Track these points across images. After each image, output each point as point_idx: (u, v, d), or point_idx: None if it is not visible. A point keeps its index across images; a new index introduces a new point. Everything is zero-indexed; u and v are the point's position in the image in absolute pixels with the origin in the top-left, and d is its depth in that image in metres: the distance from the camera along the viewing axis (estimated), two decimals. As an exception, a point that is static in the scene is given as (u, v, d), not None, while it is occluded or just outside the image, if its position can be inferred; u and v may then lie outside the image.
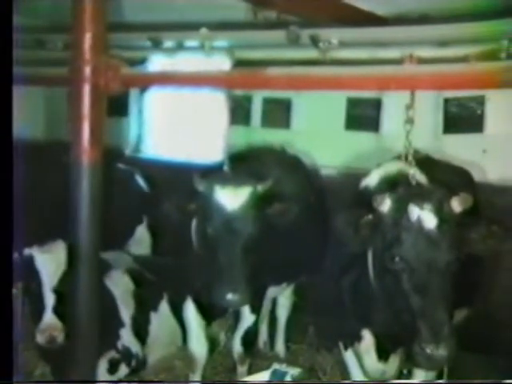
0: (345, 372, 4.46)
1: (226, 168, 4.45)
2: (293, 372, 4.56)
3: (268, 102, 6.67)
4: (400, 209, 3.40)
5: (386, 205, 3.44)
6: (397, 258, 3.34)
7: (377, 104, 5.71)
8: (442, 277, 3.30)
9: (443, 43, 3.75)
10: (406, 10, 4.78)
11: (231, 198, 4.15)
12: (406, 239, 3.34)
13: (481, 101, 5.32)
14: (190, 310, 4.80)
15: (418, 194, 3.45)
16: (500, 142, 5.29)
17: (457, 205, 3.40)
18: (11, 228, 3.01)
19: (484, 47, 3.41)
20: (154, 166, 6.85)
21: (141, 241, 6.19)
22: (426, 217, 3.34)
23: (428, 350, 3.15)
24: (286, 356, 5.72)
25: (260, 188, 4.25)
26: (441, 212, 3.35)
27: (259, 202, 4.23)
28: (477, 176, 4.90)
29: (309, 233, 4.88)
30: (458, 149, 5.25)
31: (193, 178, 4.17)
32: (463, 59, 3.51)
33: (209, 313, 4.84)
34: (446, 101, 5.40)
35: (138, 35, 6.61)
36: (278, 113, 6.61)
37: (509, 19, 3.62)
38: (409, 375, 4.12)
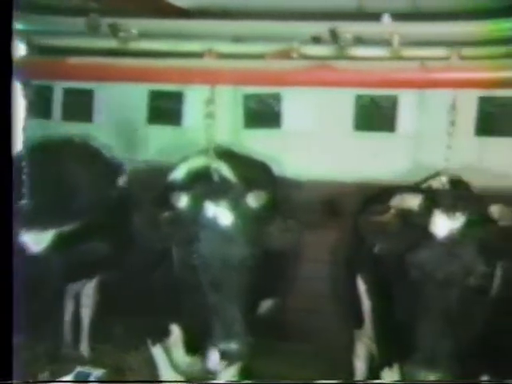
0: (154, 369, 4.41)
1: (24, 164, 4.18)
2: (97, 373, 4.42)
3: (69, 94, 6.37)
4: (197, 205, 3.43)
5: (182, 202, 3.45)
6: (195, 255, 3.37)
7: (179, 97, 5.69)
8: (238, 273, 3.38)
9: (241, 39, 3.83)
10: (207, 3, 4.82)
11: None
12: (202, 236, 3.37)
13: (277, 98, 5.53)
14: None
15: (215, 191, 3.50)
16: (297, 138, 5.54)
17: (253, 201, 3.49)
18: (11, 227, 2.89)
19: (279, 46, 3.55)
20: None
21: None
22: (221, 213, 3.40)
23: (220, 346, 3.23)
24: (91, 357, 5.54)
25: None
26: (236, 208, 3.42)
27: None
28: (276, 170, 5.09)
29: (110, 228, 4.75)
30: (258, 143, 5.39)
31: None
32: (260, 56, 3.61)
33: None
34: (246, 96, 5.54)
35: None
36: (80, 105, 6.34)
37: (301, 22, 3.80)
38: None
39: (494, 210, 3.35)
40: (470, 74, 3.22)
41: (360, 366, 4.90)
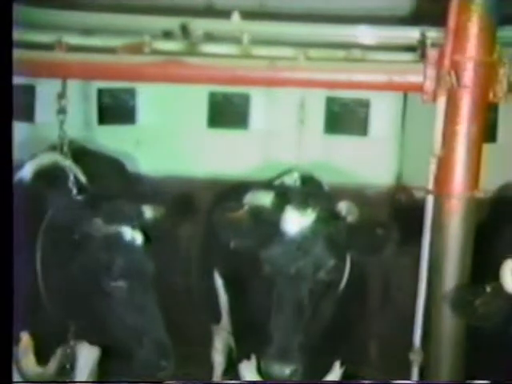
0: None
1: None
2: None
3: None
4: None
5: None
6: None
7: (31, 91, 5.43)
8: None
9: (92, 32, 3.74)
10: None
11: None
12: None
13: (132, 93, 5.45)
14: None
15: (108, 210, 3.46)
16: (152, 133, 5.50)
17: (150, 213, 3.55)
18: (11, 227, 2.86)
19: (130, 40, 3.49)
20: None
21: None
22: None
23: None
24: None
25: None
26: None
27: None
28: (130, 167, 5.03)
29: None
30: (113, 140, 5.28)
31: None
32: (111, 50, 3.54)
33: None
34: (100, 91, 5.40)
35: None
36: None
37: (152, 16, 3.79)
38: (71, 370, 4.13)
39: (342, 206, 3.51)
40: (316, 75, 3.35)
41: (218, 360, 4.97)
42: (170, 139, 5.36)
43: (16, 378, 4.07)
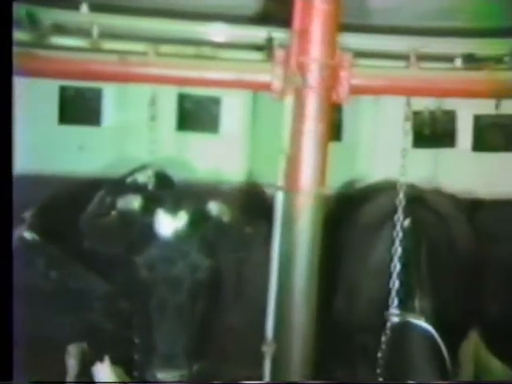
0: None
1: None
2: None
3: None
4: None
5: None
6: None
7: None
8: None
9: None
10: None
11: None
12: None
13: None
14: None
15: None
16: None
17: None
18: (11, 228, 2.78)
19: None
20: None
21: None
22: None
23: None
24: None
25: None
26: None
27: None
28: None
29: None
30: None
31: None
32: None
33: None
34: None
35: None
36: None
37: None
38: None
39: (212, 207, 3.56)
40: (166, 71, 3.36)
41: (72, 363, 4.85)
42: (23, 135, 5.13)
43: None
